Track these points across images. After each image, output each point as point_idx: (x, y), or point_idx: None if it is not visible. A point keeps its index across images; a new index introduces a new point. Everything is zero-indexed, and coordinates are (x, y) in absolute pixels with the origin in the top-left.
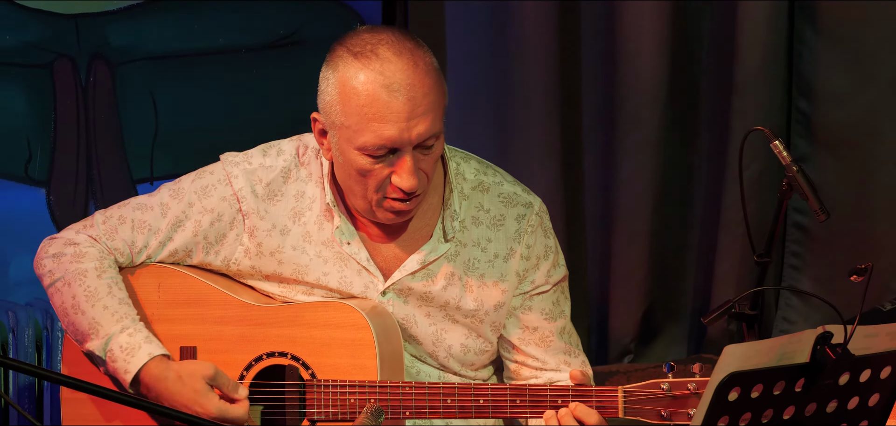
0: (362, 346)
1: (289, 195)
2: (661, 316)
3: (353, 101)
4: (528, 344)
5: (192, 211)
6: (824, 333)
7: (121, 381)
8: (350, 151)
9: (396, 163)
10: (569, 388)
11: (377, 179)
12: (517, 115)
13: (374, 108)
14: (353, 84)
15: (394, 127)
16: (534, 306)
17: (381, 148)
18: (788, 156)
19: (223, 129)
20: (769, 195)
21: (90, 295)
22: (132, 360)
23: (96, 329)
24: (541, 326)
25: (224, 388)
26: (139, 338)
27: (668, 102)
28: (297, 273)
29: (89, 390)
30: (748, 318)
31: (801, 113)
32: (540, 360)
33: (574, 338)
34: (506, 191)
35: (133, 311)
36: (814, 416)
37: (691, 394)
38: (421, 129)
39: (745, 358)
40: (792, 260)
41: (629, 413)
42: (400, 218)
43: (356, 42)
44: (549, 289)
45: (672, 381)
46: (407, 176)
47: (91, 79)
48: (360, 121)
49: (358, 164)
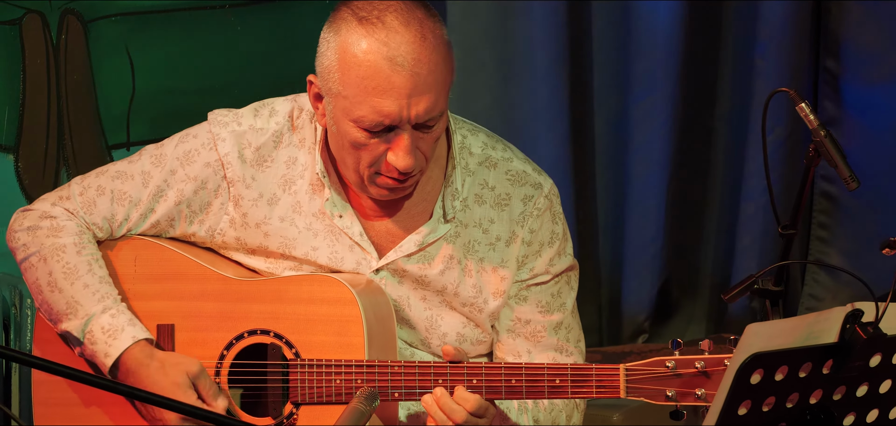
0: (349, 323)
1: (279, 161)
2: (677, 292)
3: (352, 70)
4: (517, 336)
5: (174, 179)
6: (854, 311)
7: (98, 365)
8: (345, 122)
9: (393, 140)
10: (567, 367)
11: (372, 155)
12: (521, 74)
13: (375, 81)
14: (354, 51)
15: (393, 103)
16: (530, 297)
17: (378, 124)
18: (815, 119)
19: (205, 92)
20: (795, 162)
21: (69, 272)
22: (114, 343)
23: (74, 308)
24: (534, 319)
25: (204, 391)
26: (122, 320)
27: (685, 61)
28: (285, 246)
29: (64, 373)
30: (772, 295)
31: (829, 73)
32: (524, 357)
33: (572, 334)
34: (515, 168)
35: (115, 291)
36: (843, 401)
37: (699, 373)
38: (421, 108)
39: (768, 338)
40: (819, 232)
41: (631, 393)
42: (393, 196)
43: (363, 5)
44: (548, 280)
45: (678, 359)
46: (403, 155)
47: (62, 36)
48: (358, 92)
49: (352, 136)
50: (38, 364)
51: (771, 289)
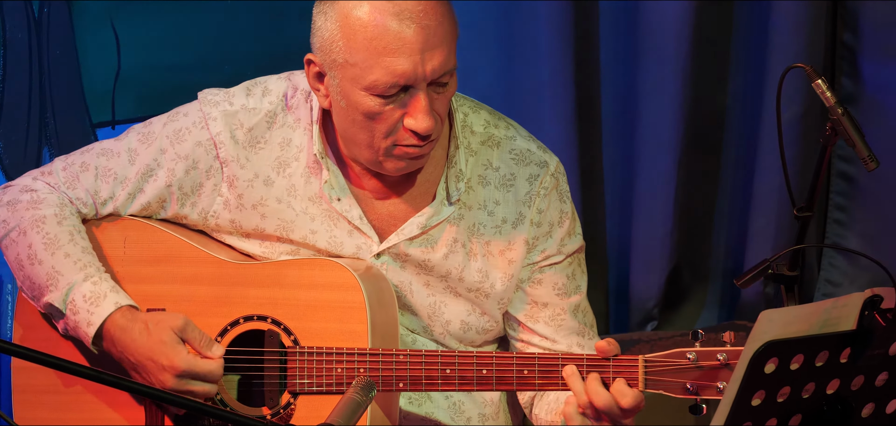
0: (352, 309)
1: (273, 143)
2: (688, 277)
3: (358, 34)
4: (537, 322)
5: (164, 158)
6: (873, 297)
7: (82, 338)
8: (356, 93)
9: (409, 103)
10: (582, 356)
11: (388, 123)
12: (524, 48)
13: (384, 40)
14: (357, 14)
15: (407, 60)
16: (544, 279)
17: (393, 86)
18: (833, 96)
19: (194, 69)
20: (811, 141)
21: (49, 242)
22: (97, 311)
23: (55, 279)
24: (552, 302)
25: (194, 343)
26: (104, 287)
27: (696, 36)
28: (282, 229)
29: (42, 361)
30: (787, 280)
31: (847, 48)
32: (549, 340)
33: (589, 318)
34: (519, 147)
35: (97, 262)
36: (861, 391)
37: (722, 366)
38: (436, 63)
39: (783, 325)
40: (836, 214)
41: (650, 385)
42: (412, 166)
43: None
44: (562, 261)
45: (699, 351)
46: (422, 116)
47: (45, 10)
48: (367, 56)
49: (365, 106)
50: (18, 352)
51: (786, 274)
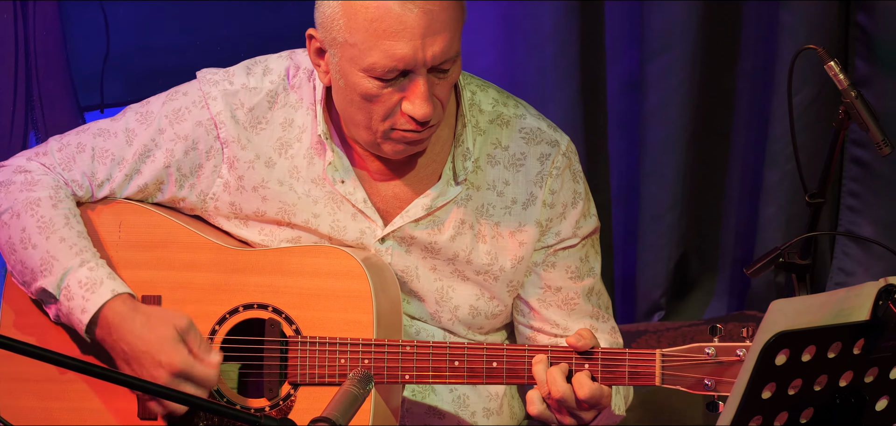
0: (357, 298)
1: (274, 123)
2: (696, 266)
3: (359, 13)
4: (549, 306)
5: (162, 138)
6: (887, 286)
7: (75, 325)
8: (354, 74)
9: (408, 87)
10: (598, 350)
11: (385, 106)
12: (528, 28)
13: (385, 22)
14: None
15: (407, 45)
16: (558, 262)
17: (391, 70)
18: (846, 79)
19: (186, 49)
20: (823, 125)
21: (44, 226)
22: (92, 298)
23: (50, 264)
24: (565, 286)
25: (194, 346)
26: (101, 273)
27: (705, 16)
28: (283, 213)
29: (29, 353)
30: (798, 269)
31: (861, 28)
32: (561, 327)
33: (603, 300)
34: (528, 125)
35: (93, 247)
36: (875, 383)
37: (740, 362)
38: (437, 49)
39: (794, 315)
40: (850, 200)
41: (668, 381)
42: (409, 151)
43: None
44: (577, 243)
45: (719, 346)
46: (420, 102)
47: None
48: (367, 37)
49: (363, 88)
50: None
51: (797, 263)
